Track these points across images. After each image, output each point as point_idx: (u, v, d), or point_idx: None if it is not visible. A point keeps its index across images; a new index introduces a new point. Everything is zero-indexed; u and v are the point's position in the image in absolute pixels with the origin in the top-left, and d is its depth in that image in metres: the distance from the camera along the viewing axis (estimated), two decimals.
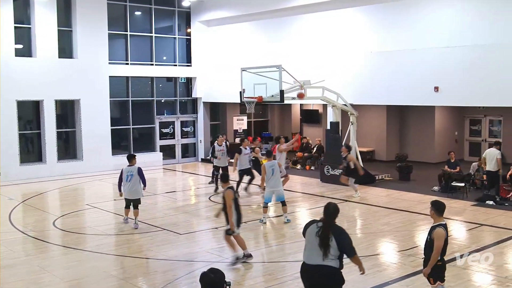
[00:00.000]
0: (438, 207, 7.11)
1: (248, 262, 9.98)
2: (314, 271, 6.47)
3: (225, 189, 10.03)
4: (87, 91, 21.26)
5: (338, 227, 6.64)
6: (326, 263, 6.39)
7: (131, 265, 10.19)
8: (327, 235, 6.42)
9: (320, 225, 6.58)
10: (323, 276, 6.43)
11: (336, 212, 6.68)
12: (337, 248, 6.39)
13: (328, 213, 6.66)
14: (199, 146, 25.32)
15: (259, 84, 17.07)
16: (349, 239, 6.56)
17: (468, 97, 16.07)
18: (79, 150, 21.58)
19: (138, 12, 23.75)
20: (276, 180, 13.20)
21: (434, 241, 6.88)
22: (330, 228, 6.51)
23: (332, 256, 6.39)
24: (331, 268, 6.40)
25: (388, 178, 19.00)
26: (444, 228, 6.96)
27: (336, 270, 6.44)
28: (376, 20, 18.60)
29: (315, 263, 6.44)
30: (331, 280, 6.47)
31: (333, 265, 6.41)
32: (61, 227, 13.02)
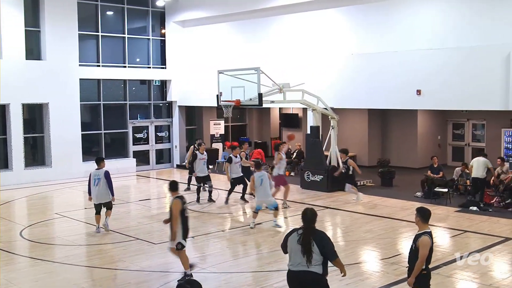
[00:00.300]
0: (424, 214, 7.17)
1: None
2: (299, 277, 6.66)
3: (173, 198, 9.64)
4: (56, 95, 21.02)
5: (319, 231, 6.82)
6: (311, 269, 6.57)
7: (102, 276, 10.08)
8: (309, 241, 6.61)
9: (301, 232, 6.75)
10: (308, 282, 6.62)
11: (314, 216, 6.86)
12: (320, 253, 6.58)
13: (307, 219, 6.83)
14: (174, 152, 25.21)
15: (237, 87, 17.06)
16: (330, 243, 6.74)
17: (451, 100, 16.28)
18: (47, 157, 21.31)
19: (110, 12, 23.60)
20: (264, 190, 13.53)
21: (419, 250, 6.92)
22: (310, 233, 6.68)
23: (316, 262, 6.58)
24: (315, 274, 6.59)
25: (370, 184, 19.14)
26: (429, 236, 7.00)
27: (320, 276, 6.63)
28: (357, 22, 18.75)
29: (299, 270, 6.63)
30: (316, 286, 6.67)
31: (317, 271, 6.60)
32: (28, 238, 12.82)
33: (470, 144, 23.23)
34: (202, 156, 16.89)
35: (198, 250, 11.63)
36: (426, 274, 7.06)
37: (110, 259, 11.15)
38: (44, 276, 10.17)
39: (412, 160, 22.75)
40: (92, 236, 12.89)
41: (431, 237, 7.04)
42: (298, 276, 6.67)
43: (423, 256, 6.88)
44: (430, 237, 7.00)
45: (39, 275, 10.23)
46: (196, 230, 13.24)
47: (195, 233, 12.89)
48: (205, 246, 11.96)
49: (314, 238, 6.64)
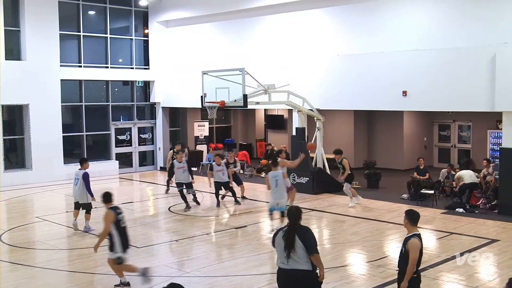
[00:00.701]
0: (412, 216, 7.19)
1: None
2: (287, 274, 6.84)
3: (106, 209, 9.34)
4: (36, 96, 20.84)
5: (304, 227, 7.06)
6: (300, 267, 6.74)
7: (84, 281, 10.01)
8: (292, 236, 6.82)
9: (285, 229, 7.00)
10: (297, 279, 6.78)
11: (298, 213, 7.09)
12: (305, 249, 6.75)
13: (291, 216, 7.06)
14: (158, 154, 25.12)
15: (221, 88, 17.06)
16: (312, 237, 6.92)
17: (437, 101, 16.41)
18: (27, 159, 21.12)
19: (92, 12, 23.48)
20: (280, 191, 12.99)
21: (409, 253, 6.95)
22: (295, 230, 6.89)
23: (304, 258, 6.75)
24: (304, 271, 6.76)
25: (356, 186, 19.16)
26: (418, 238, 7.02)
27: (310, 272, 6.80)
28: (342, 22, 18.83)
29: (288, 268, 6.82)
30: (306, 283, 6.82)
31: (306, 268, 6.77)
32: (8, 242, 12.69)
33: (456, 146, 23.43)
34: (179, 165, 16.18)
35: (183, 254, 11.59)
36: (417, 277, 7.05)
37: (92, 263, 11.06)
38: (25, 281, 10.07)
39: (398, 162, 22.89)
40: (73, 240, 12.79)
41: (420, 239, 7.06)
42: (287, 274, 6.83)
43: (413, 259, 6.88)
44: (420, 240, 7.02)
45: (19, 280, 10.12)
46: (181, 233, 13.22)
47: (179, 236, 12.87)
48: (189, 250, 11.93)
49: (298, 233, 6.83)
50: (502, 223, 13.87)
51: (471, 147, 22.74)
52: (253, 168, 22.76)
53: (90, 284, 9.88)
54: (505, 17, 15.09)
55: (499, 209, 14.95)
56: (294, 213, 7.06)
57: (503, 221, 14.00)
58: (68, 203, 17.77)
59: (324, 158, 18.89)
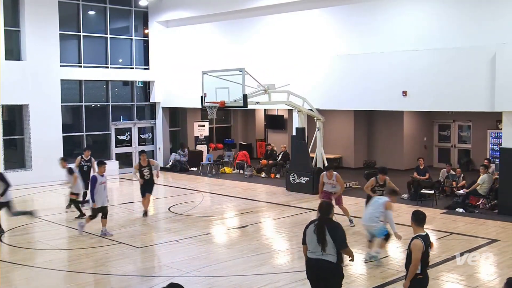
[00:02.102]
0: (417, 217, 7.28)
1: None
2: (316, 264, 7.28)
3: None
4: (36, 96, 20.83)
5: (334, 222, 7.42)
6: (325, 258, 7.16)
7: (84, 281, 10.00)
8: (323, 231, 7.19)
9: (316, 223, 7.34)
10: (323, 269, 7.23)
11: (329, 208, 7.46)
12: (332, 243, 7.15)
13: (322, 211, 7.45)
14: (158, 154, 25.12)
15: (221, 88, 17.06)
16: (342, 232, 7.30)
17: (437, 101, 16.41)
18: (28, 159, 21.12)
19: (92, 12, 23.47)
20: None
21: (411, 253, 6.93)
22: (325, 223, 7.27)
23: (330, 251, 7.15)
24: (329, 263, 7.17)
25: (356, 186, 19.21)
26: (422, 239, 7.01)
27: (335, 264, 7.20)
28: (342, 22, 18.84)
29: (316, 258, 7.25)
30: (330, 274, 7.26)
31: (331, 260, 7.17)
32: (8, 242, 12.69)
33: (456, 146, 23.43)
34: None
35: (183, 254, 11.59)
36: (423, 278, 7.01)
37: (92, 263, 11.07)
38: (24, 281, 10.08)
39: (398, 162, 22.89)
40: (73, 240, 12.80)
41: (425, 240, 7.04)
42: (315, 263, 7.28)
43: (415, 260, 6.89)
44: (423, 240, 7.00)
45: (19, 280, 10.13)
46: (181, 233, 13.22)
47: (179, 236, 12.87)
48: (189, 250, 11.92)
49: (328, 227, 7.20)
50: (502, 223, 13.87)
51: (471, 147, 22.75)
52: (253, 168, 22.75)
53: (90, 284, 9.88)
54: (505, 17, 15.10)
55: (499, 209, 14.96)
56: (325, 208, 7.43)
57: (503, 221, 14.01)
58: (67, 203, 17.77)
59: (324, 158, 18.88)
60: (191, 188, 19.74)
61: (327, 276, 7.27)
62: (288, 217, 14.95)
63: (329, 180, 13.83)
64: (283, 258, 11.41)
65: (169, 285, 4.79)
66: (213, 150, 26.21)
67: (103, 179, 13.09)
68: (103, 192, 12.99)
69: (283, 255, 11.67)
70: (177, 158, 24.31)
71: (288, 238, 12.95)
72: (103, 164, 13.31)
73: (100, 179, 12.97)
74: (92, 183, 12.92)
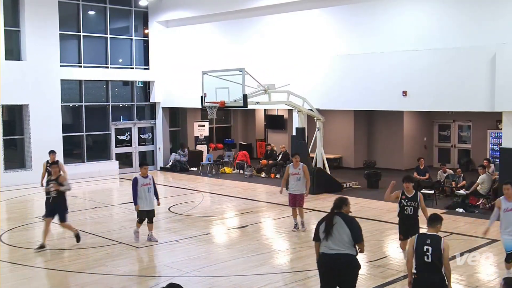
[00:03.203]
0: (429, 219, 7.57)
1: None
2: (334, 259, 7.34)
3: None
4: (36, 96, 20.84)
5: (350, 217, 7.64)
6: (345, 251, 7.31)
7: (84, 281, 10.00)
8: (331, 221, 7.44)
9: (327, 214, 7.66)
10: (342, 263, 7.32)
11: (341, 202, 7.69)
12: (350, 236, 7.33)
13: (335, 204, 7.72)
14: (158, 154, 25.12)
15: (221, 88, 17.06)
16: (358, 226, 7.50)
17: (437, 101, 16.41)
18: (27, 159, 21.12)
19: (92, 12, 23.47)
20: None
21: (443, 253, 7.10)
22: (339, 216, 7.49)
23: (348, 243, 7.32)
24: (349, 255, 7.33)
25: (356, 186, 19.22)
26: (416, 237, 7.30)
27: (354, 256, 7.39)
28: (342, 22, 18.84)
29: (331, 252, 7.35)
30: (350, 266, 7.40)
31: (350, 252, 7.34)
32: (8, 242, 12.69)
33: (456, 146, 23.43)
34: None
35: (183, 254, 11.59)
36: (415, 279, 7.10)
37: (92, 263, 11.07)
38: (24, 281, 10.07)
39: (398, 162, 22.89)
40: (73, 240, 12.77)
41: (418, 239, 7.22)
42: (333, 258, 7.33)
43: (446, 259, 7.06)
44: (416, 240, 7.19)
45: (19, 280, 10.13)
46: (181, 233, 13.22)
47: (179, 236, 12.87)
48: (189, 250, 11.92)
49: (345, 221, 7.41)
50: None
51: (471, 147, 22.75)
52: (253, 168, 22.76)
53: (90, 284, 9.88)
54: (505, 17, 15.10)
55: None
56: (338, 202, 7.70)
57: None
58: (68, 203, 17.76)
59: (324, 158, 18.88)
60: (191, 188, 19.74)
61: (346, 269, 7.37)
62: (288, 217, 14.93)
63: (295, 169, 13.06)
64: (283, 258, 11.41)
65: (168, 285, 4.79)
66: (213, 150, 26.22)
67: (147, 181, 12.22)
68: (147, 194, 12.17)
69: (283, 255, 11.67)
70: (177, 158, 24.32)
71: (288, 238, 12.95)
72: (144, 165, 12.51)
73: (142, 181, 12.19)
74: (133, 185, 12.19)
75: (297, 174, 13.07)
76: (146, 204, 12.20)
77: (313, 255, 11.33)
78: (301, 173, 13.09)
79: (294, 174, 13.09)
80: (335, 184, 18.37)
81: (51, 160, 15.36)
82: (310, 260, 10.98)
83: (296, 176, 13.08)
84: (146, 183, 12.20)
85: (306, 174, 13.16)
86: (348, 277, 7.39)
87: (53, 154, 15.80)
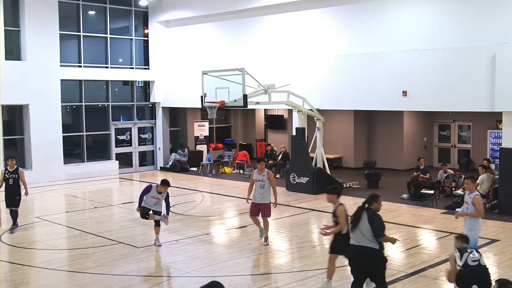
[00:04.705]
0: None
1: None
2: (357, 251, 7.92)
3: None
4: (36, 96, 20.83)
5: (374, 211, 8.00)
6: (368, 245, 7.77)
7: (84, 281, 10.00)
8: (359, 215, 7.91)
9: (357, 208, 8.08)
10: (364, 255, 7.82)
11: (371, 198, 8.10)
12: (371, 230, 7.76)
13: (366, 200, 8.13)
14: (158, 154, 25.12)
15: (221, 88, 17.06)
16: (380, 222, 7.89)
17: (437, 101, 16.41)
18: (28, 159, 21.11)
19: (92, 12, 23.46)
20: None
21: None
22: (365, 211, 7.93)
23: (371, 237, 7.76)
24: (371, 249, 7.77)
25: (356, 186, 19.21)
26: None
27: (376, 250, 7.80)
28: (343, 22, 18.82)
29: (358, 244, 7.87)
30: (371, 259, 7.84)
31: (373, 246, 7.77)
32: (8, 242, 12.68)
33: (456, 146, 23.43)
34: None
35: (183, 254, 11.59)
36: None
37: (92, 263, 11.06)
38: (24, 281, 10.06)
39: (398, 162, 22.90)
40: (73, 240, 12.81)
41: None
42: (356, 250, 7.91)
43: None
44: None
45: (19, 280, 10.12)
46: (181, 233, 13.22)
47: (179, 236, 12.87)
48: (189, 250, 11.92)
49: (368, 215, 7.85)
50: (502, 223, 13.87)
51: (471, 147, 22.76)
52: (253, 168, 22.72)
53: (90, 284, 9.88)
54: (505, 17, 15.09)
55: (499, 209, 14.95)
56: (368, 197, 8.14)
57: (503, 221, 14.00)
58: (68, 203, 17.80)
59: (324, 158, 18.88)
60: (191, 188, 19.74)
61: (368, 261, 7.81)
62: (288, 217, 14.95)
63: (259, 175, 11.95)
64: (283, 258, 11.41)
65: (209, 283, 4.77)
66: (213, 150, 26.22)
67: (158, 196, 11.79)
68: (153, 205, 11.89)
69: (283, 255, 11.67)
70: (177, 158, 24.32)
71: (288, 238, 12.95)
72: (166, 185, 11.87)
73: (154, 193, 11.76)
74: (144, 191, 11.86)
75: (261, 181, 11.92)
76: (151, 207, 11.92)
77: (313, 255, 11.39)
78: (265, 180, 11.92)
79: (257, 181, 11.96)
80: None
81: (10, 168, 13.70)
82: (310, 260, 11.00)
83: (259, 183, 11.93)
84: (156, 197, 11.79)
85: (272, 182, 11.99)
86: (372, 269, 7.87)
87: (12, 159, 13.94)
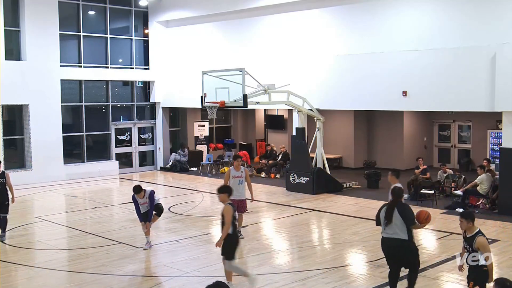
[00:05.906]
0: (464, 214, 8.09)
1: None
2: (389, 243, 8.38)
3: None
4: (36, 96, 20.83)
5: (403, 203, 8.54)
6: (398, 236, 8.22)
7: (84, 282, 9.99)
8: (392, 210, 8.34)
9: (388, 203, 8.58)
10: (396, 247, 8.29)
11: (401, 192, 8.74)
12: (403, 222, 8.21)
13: (395, 194, 8.65)
14: (158, 154, 25.12)
15: (221, 88, 17.05)
16: (410, 211, 8.35)
17: (437, 101, 16.41)
18: (27, 159, 21.11)
19: (92, 12, 23.47)
20: None
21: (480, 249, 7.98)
22: (395, 205, 8.39)
23: (402, 229, 8.21)
24: (402, 241, 8.22)
25: (356, 186, 19.21)
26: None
27: (407, 241, 8.23)
28: (343, 22, 18.82)
29: (389, 236, 8.36)
30: (403, 250, 8.29)
31: (403, 237, 8.22)
32: (8, 242, 12.68)
33: (456, 146, 23.43)
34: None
35: (183, 254, 11.59)
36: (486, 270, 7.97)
37: (92, 263, 11.06)
38: (24, 281, 10.07)
39: (398, 162, 22.86)
40: (73, 240, 12.81)
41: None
42: (389, 242, 8.37)
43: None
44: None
45: (19, 280, 10.13)
46: (180, 233, 13.22)
47: (179, 236, 12.87)
48: (189, 250, 11.92)
49: (398, 207, 8.32)
50: (502, 223, 13.87)
51: (471, 147, 22.75)
52: (253, 168, 22.77)
53: (90, 284, 9.88)
54: (505, 17, 15.09)
55: (499, 209, 14.96)
56: (397, 191, 8.64)
57: (503, 221, 14.01)
58: (68, 203, 17.80)
59: (324, 158, 18.88)
60: (191, 188, 19.74)
61: (401, 252, 8.28)
62: (288, 217, 14.96)
63: (238, 172, 12.34)
64: (283, 258, 11.41)
65: (214, 283, 4.79)
66: (213, 150, 26.22)
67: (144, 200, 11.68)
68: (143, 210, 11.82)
69: (283, 255, 11.67)
70: (177, 158, 24.32)
71: (288, 238, 12.95)
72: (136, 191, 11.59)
73: (139, 201, 11.66)
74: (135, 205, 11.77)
75: (239, 177, 12.33)
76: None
77: (313, 255, 11.39)
78: (243, 176, 12.40)
79: (236, 177, 12.31)
80: (335, 184, 18.38)
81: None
82: (310, 260, 11.00)
83: (238, 179, 12.31)
84: (143, 202, 11.64)
85: (248, 178, 12.54)
86: (406, 259, 8.36)
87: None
